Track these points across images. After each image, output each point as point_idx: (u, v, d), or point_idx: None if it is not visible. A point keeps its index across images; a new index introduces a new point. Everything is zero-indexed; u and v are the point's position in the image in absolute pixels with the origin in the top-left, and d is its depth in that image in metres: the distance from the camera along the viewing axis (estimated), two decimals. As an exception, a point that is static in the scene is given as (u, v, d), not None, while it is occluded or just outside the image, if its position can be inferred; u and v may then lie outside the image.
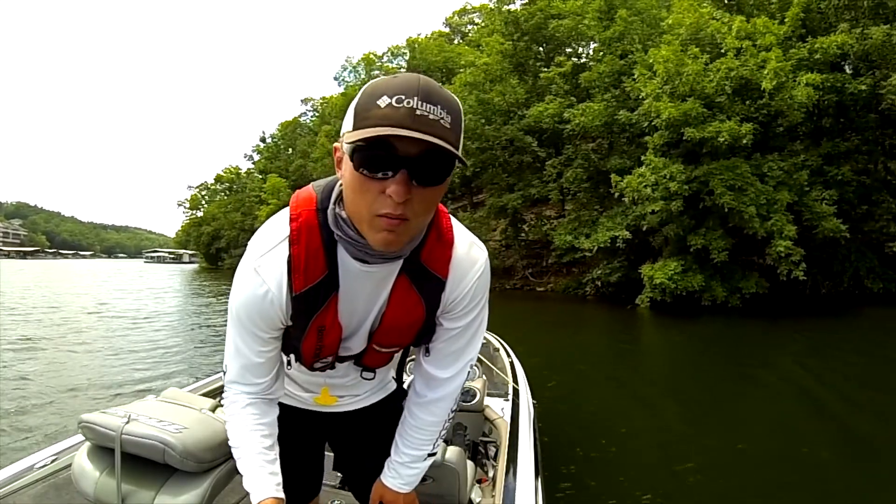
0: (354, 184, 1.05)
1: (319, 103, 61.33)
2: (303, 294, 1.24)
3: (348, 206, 1.13)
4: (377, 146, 0.99)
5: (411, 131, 0.95)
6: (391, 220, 1.05)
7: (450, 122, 1.01)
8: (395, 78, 1.01)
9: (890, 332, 14.17)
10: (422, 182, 1.02)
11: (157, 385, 8.06)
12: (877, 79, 19.09)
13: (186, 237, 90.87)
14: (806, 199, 17.61)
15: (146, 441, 1.99)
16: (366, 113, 1.00)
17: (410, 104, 0.96)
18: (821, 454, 5.46)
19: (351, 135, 1.01)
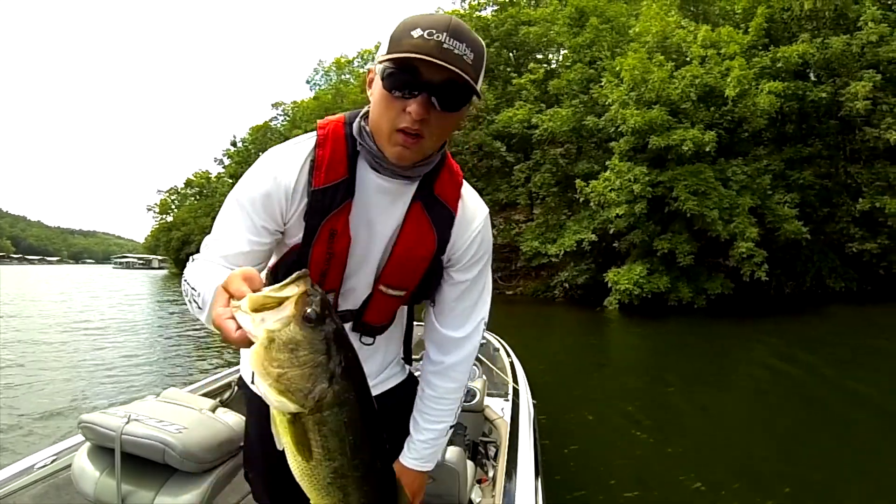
0: (381, 100, 1.20)
1: (290, 108, 60.97)
2: (321, 190, 1.30)
3: (372, 121, 1.27)
4: (405, 69, 1.14)
5: (436, 59, 1.09)
6: (407, 136, 1.20)
7: (472, 60, 1.15)
8: (431, 15, 1.17)
9: (851, 328, 14.90)
10: (441, 106, 1.18)
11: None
12: (837, 86, 19.88)
13: (156, 242, 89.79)
14: (769, 203, 18.28)
15: (146, 441, 2.01)
16: (399, 40, 1.14)
17: (439, 38, 1.11)
18: (790, 444, 5.95)
19: (383, 57, 1.16)
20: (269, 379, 0.84)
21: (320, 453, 0.90)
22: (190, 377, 8.97)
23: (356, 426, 0.92)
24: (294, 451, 0.90)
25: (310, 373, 0.86)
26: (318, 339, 0.87)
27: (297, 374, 0.85)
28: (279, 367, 0.84)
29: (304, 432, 0.88)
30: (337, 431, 0.90)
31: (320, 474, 0.92)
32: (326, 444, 0.90)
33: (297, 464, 0.92)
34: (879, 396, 7.64)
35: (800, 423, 6.71)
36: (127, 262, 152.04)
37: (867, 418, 6.72)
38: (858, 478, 5.00)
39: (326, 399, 0.87)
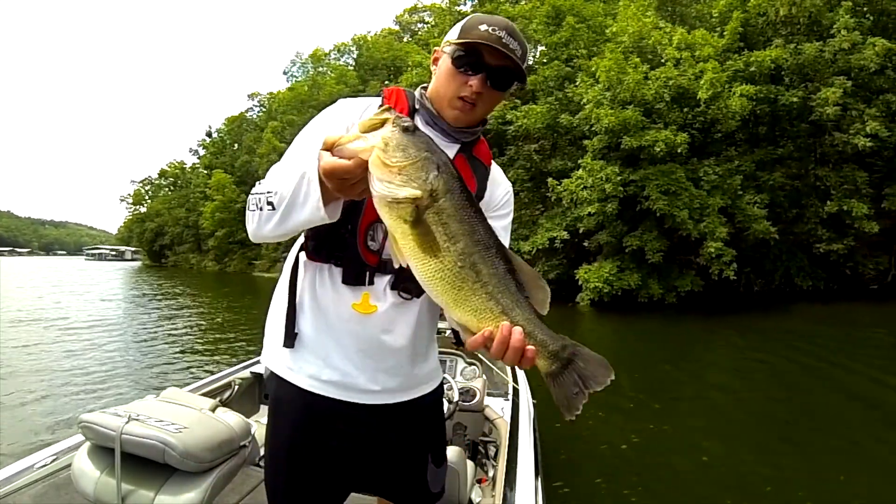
0: (448, 73, 1.52)
1: (266, 98, 60.49)
2: None
3: (435, 90, 1.58)
4: (472, 53, 1.47)
5: (498, 46, 1.43)
6: (466, 103, 1.52)
7: (520, 55, 1.49)
8: (494, 16, 1.50)
9: (817, 325, 15.48)
10: (493, 85, 1.51)
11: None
12: (808, 91, 20.48)
13: (129, 234, 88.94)
14: (739, 203, 18.91)
15: (146, 441, 2.03)
16: (469, 31, 1.47)
17: (499, 34, 1.45)
18: (761, 436, 6.40)
19: (455, 41, 1.49)
20: (391, 174, 1.02)
21: (445, 239, 1.05)
22: (170, 378, 9.01)
23: (467, 207, 1.08)
24: (421, 250, 1.05)
25: (422, 164, 1.04)
26: (420, 140, 1.06)
27: (413, 166, 1.03)
28: (398, 162, 1.02)
29: (426, 230, 1.04)
30: (454, 214, 1.05)
31: (449, 262, 1.06)
32: (448, 230, 1.05)
33: (426, 264, 1.06)
34: (844, 387, 8.38)
35: (766, 414, 7.23)
36: (99, 254, 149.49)
37: (831, 407, 7.37)
38: (822, 465, 5.40)
39: (440, 186, 1.04)
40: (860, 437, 6.20)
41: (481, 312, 1.10)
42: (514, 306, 1.13)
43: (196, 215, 58.74)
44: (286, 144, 8.14)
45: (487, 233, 1.10)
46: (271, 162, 15.21)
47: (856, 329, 14.11)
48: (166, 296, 26.42)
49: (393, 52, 41.57)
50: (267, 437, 1.66)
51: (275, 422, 1.64)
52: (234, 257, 52.32)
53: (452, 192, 1.05)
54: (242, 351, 11.24)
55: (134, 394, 7.96)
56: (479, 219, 1.10)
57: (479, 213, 1.11)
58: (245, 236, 24.07)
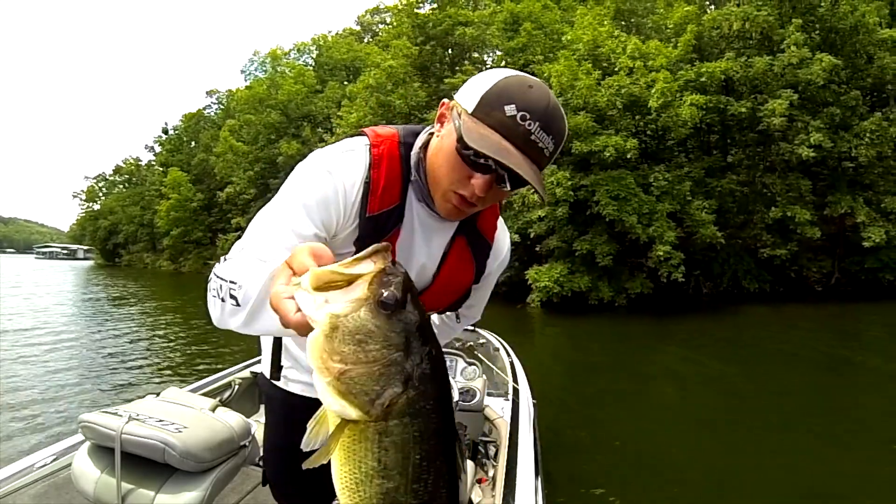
0: (449, 158, 1.18)
1: (225, 96, 59.66)
2: (375, 217, 1.28)
3: (432, 166, 1.25)
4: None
5: (520, 153, 1.09)
6: (464, 201, 1.20)
7: (551, 152, 1.14)
8: (531, 89, 1.12)
9: (763, 326, 16.44)
10: (503, 185, 1.16)
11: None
12: (757, 102, 21.61)
13: (82, 231, 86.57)
14: (688, 208, 19.95)
15: (146, 441, 2.04)
16: (490, 109, 1.11)
17: (529, 127, 1.09)
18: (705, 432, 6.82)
19: (470, 125, 1.12)
20: (328, 376, 0.71)
21: (375, 468, 0.75)
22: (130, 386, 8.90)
23: (427, 443, 0.76)
24: (341, 460, 0.75)
25: (380, 373, 0.71)
26: (395, 331, 0.72)
27: (364, 374, 0.70)
28: (341, 361, 0.70)
29: (359, 440, 0.74)
30: (401, 446, 0.74)
31: (367, 492, 0.76)
32: (385, 459, 0.74)
33: (342, 475, 0.77)
34: (785, 386, 8.88)
35: (711, 410, 7.74)
36: (50, 252, 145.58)
37: (772, 406, 7.78)
38: (765, 461, 5.66)
39: (396, 407, 0.72)
40: (798, 428, 6.70)
41: None
42: None
43: (151, 214, 57.67)
44: (243, 143, 8.20)
45: (436, 487, 0.79)
46: (228, 161, 15.22)
47: (799, 329, 15.10)
48: (126, 300, 25.80)
49: (353, 52, 41.58)
50: (264, 434, 1.68)
51: (269, 419, 1.66)
52: (190, 257, 51.47)
53: (415, 416, 0.74)
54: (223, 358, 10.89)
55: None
56: (440, 459, 0.79)
57: (444, 451, 0.80)
58: (200, 235, 23.81)
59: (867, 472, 5.39)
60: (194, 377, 4.39)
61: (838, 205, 20.95)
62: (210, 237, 49.65)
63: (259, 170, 40.47)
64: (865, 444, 6.15)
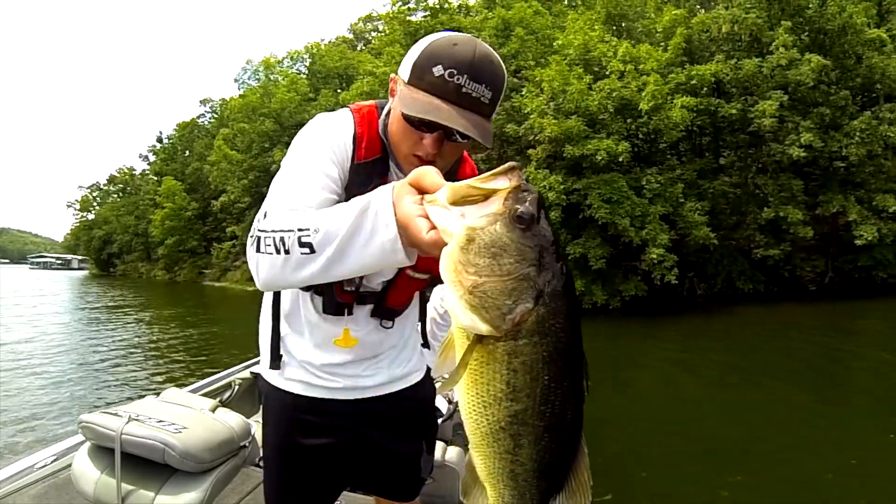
0: (400, 126, 1.29)
1: (218, 105, 59.56)
2: (362, 164, 1.36)
3: (392, 134, 1.35)
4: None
5: (453, 108, 1.17)
6: (422, 161, 1.27)
7: (489, 98, 1.22)
8: (455, 46, 1.20)
9: (758, 325, 16.68)
10: (453, 139, 1.26)
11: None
12: (747, 104, 21.84)
13: (76, 241, 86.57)
14: (680, 210, 20.12)
15: (146, 441, 2.05)
16: (421, 73, 1.21)
17: (459, 81, 1.17)
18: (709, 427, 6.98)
19: (406, 93, 1.24)
20: (460, 289, 0.71)
21: (503, 390, 0.75)
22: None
23: (557, 364, 0.76)
24: (469, 380, 0.76)
25: (513, 287, 0.71)
26: (529, 246, 0.72)
27: (497, 287, 0.71)
28: (476, 274, 0.71)
29: (487, 362, 0.74)
30: (531, 367, 0.74)
31: (494, 416, 0.77)
32: (513, 381, 0.74)
33: (469, 399, 0.77)
34: (781, 384, 9.03)
35: (706, 410, 7.89)
36: (44, 262, 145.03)
37: (767, 405, 7.90)
38: (755, 455, 5.85)
39: (527, 324, 0.72)
40: (795, 427, 6.85)
41: (493, 478, 0.84)
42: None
43: (145, 223, 57.59)
44: (237, 152, 8.22)
45: (563, 410, 0.79)
46: (222, 170, 15.18)
47: (794, 328, 15.28)
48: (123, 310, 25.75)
49: (345, 60, 41.61)
50: (263, 436, 1.70)
51: (267, 419, 1.68)
52: (184, 266, 51.37)
53: (546, 335, 0.74)
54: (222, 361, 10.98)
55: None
56: (569, 381, 0.79)
57: (573, 372, 0.79)
58: (195, 245, 23.69)
59: (861, 465, 5.51)
60: (195, 378, 4.43)
61: (830, 204, 21.19)
62: (205, 246, 49.65)
63: (253, 178, 40.25)
64: (860, 439, 6.27)
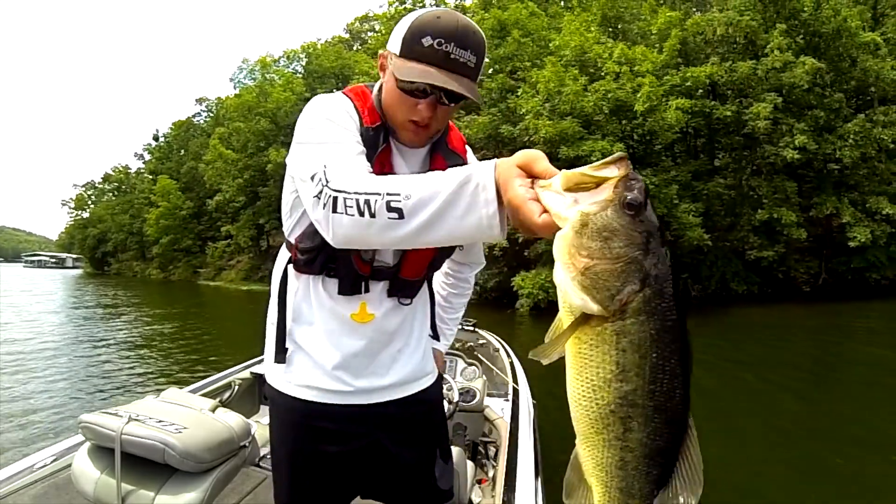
0: (394, 95, 1.40)
1: (214, 104, 59.52)
2: (370, 128, 1.44)
3: (386, 105, 1.45)
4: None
5: (444, 73, 1.29)
6: (418, 126, 1.41)
7: (474, 62, 1.34)
8: (439, 19, 1.31)
9: (753, 326, 16.75)
10: (445, 102, 1.38)
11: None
12: (742, 106, 22.05)
13: (70, 240, 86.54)
14: (675, 211, 20.18)
15: (146, 441, 2.05)
16: (412, 45, 1.31)
17: (447, 48, 1.29)
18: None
19: (398, 65, 1.34)
20: (573, 270, 0.77)
21: (612, 371, 0.78)
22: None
23: (663, 342, 0.79)
24: (577, 364, 0.79)
25: (622, 269, 0.76)
26: (638, 231, 0.77)
27: (608, 269, 0.76)
28: (588, 256, 0.76)
29: (596, 344, 0.78)
30: (639, 346, 0.78)
31: (604, 399, 0.80)
32: (622, 360, 0.78)
33: (578, 384, 0.81)
34: (775, 384, 9.14)
35: (699, 408, 7.49)
36: (39, 261, 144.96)
37: (761, 404, 8.03)
38: (744, 456, 5.88)
39: (633, 304, 0.77)
40: (789, 425, 6.97)
41: (601, 470, 0.87)
42: (637, 494, 0.87)
43: (140, 222, 57.53)
44: (232, 151, 8.30)
45: (671, 389, 0.82)
46: (217, 169, 15.23)
47: (788, 329, 15.49)
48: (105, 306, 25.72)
49: (342, 60, 41.64)
50: (270, 441, 1.70)
51: (273, 427, 1.67)
52: (179, 265, 51.35)
53: (652, 315, 0.78)
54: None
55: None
56: (671, 365, 0.81)
57: (681, 350, 0.82)
58: (190, 244, 23.65)
59: (854, 467, 5.58)
60: (196, 379, 4.40)
61: (824, 206, 21.35)
62: (200, 245, 49.77)
63: (248, 177, 40.25)
64: (853, 439, 6.33)
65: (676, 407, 0.83)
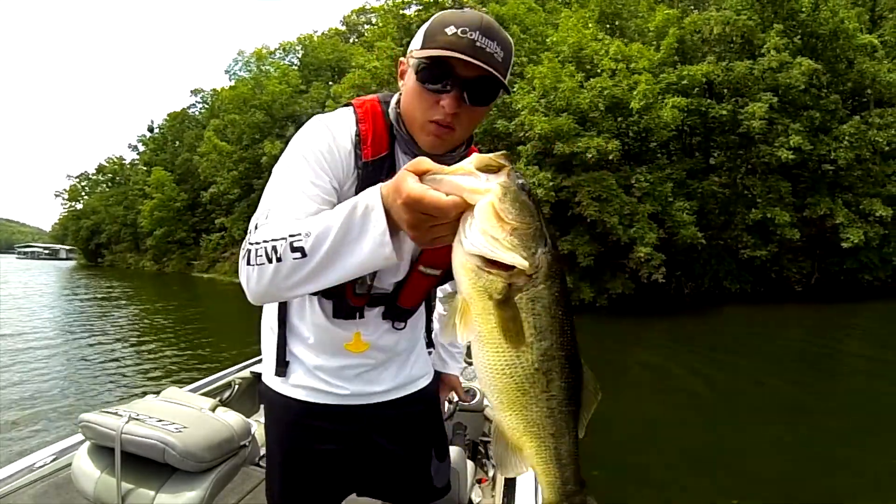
0: (415, 92, 1.30)
1: (210, 95, 59.29)
2: (371, 162, 1.37)
3: (405, 111, 1.37)
4: (439, 65, 1.24)
5: (469, 57, 1.20)
6: (440, 127, 1.30)
7: (502, 57, 1.25)
8: (464, 13, 1.25)
9: (745, 325, 17.02)
10: (471, 101, 1.27)
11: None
12: (738, 105, 22.14)
13: (64, 231, 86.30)
14: (669, 209, 20.34)
15: (146, 440, 2.05)
16: (434, 36, 1.24)
17: (472, 36, 1.20)
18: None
19: (419, 52, 1.27)
20: (502, 232, 0.86)
21: (532, 332, 0.88)
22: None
23: (563, 298, 0.91)
24: (502, 336, 0.88)
25: (534, 231, 0.87)
26: (534, 205, 0.90)
27: (526, 231, 0.87)
28: (513, 220, 0.86)
29: (515, 315, 0.87)
30: (549, 306, 0.88)
31: (528, 360, 0.89)
32: (539, 323, 0.88)
33: (500, 354, 0.89)
34: (767, 382, 9.24)
35: (693, 407, 8.01)
36: (32, 252, 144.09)
37: (754, 402, 8.11)
38: (745, 454, 5.96)
39: (544, 266, 0.87)
40: (782, 421, 7.05)
41: (532, 426, 0.96)
42: (566, 433, 0.99)
43: (134, 213, 57.33)
44: (227, 143, 8.25)
45: (572, 337, 0.94)
46: (212, 161, 15.16)
47: (779, 328, 15.63)
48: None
49: (338, 52, 41.53)
50: (267, 446, 1.70)
51: (269, 424, 1.67)
52: (173, 257, 51.18)
53: (554, 278, 0.88)
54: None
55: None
56: (569, 318, 0.93)
57: (570, 311, 0.94)
58: (184, 236, 23.61)
59: (843, 459, 5.73)
60: (193, 376, 4.33)
61: (818, 206, 21.52)
62: (194, 237, 49.58)
63: (243, 170, 40.40)
64: (844, 434, 6.48)
65: (575, 348, 0.94)
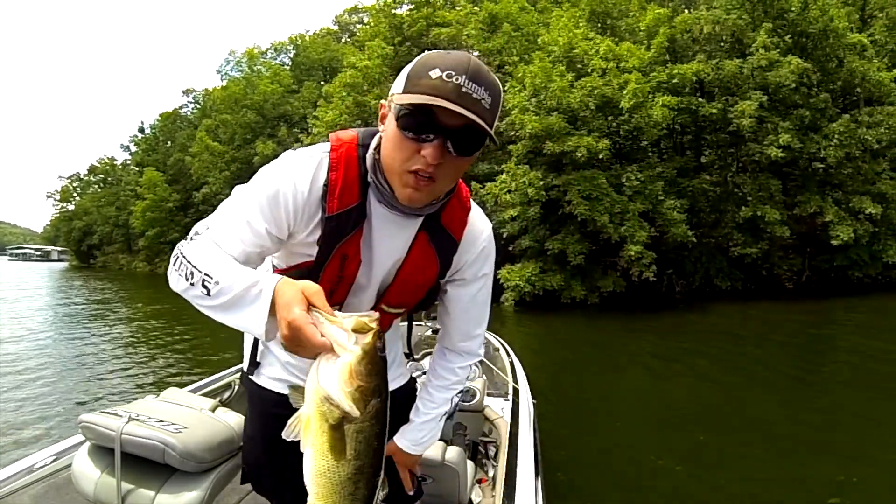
0: (395, 140, 1.22)
1: (201, 95, 59.16)
2: (335, 216, 1.33)
3: (384, 159, 1.28)
4: (421, 112, 1.15)
5: (454, 105, 1.11)
6: (420, 179, 1.22)
7: (489, 104, 1.17)
8: (449, 54, 1.17)
9: (736, 322, 16.98)
10: (456, 151, 1.19)
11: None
12: (728, 104, 22.29)
13: (55, 232, 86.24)
14: (660, 208, 20.47)
15: (146, 441, 2.04)
16: (417, 80, 1.16)
17: (458, 81, 1.12)
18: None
19: (401, 97, 1.19)
20: (350, 387, 1.03)
21: (352, 453, 1.07)
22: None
23: (380, 432, 1.11)
24: (325, 452, 1.06)
25: (374, 390, 1.05)
26: (383, 365, 1.09)
27: (367, 389, 1.04)
28: (362, 380, 1.03)
29: (342, 437, 1.05)
30: (369, 437, 1.08)
31: (343, 472, 1.08)
32: (358, 447, 1.07)
33: (322, 463, 1.08)
34: (757, 380, 9.22)
35: (686, 405, 7.91)
36: (23, 254, 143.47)
37: (745, 400, 8.03)
38: (740, 453, 5.88)
39: (372, 412, 1.06)
40: (771, 420, 6.99)
41: None
42: None
43: (126, 214, 57.19)
44: (219, 143, 8.37)
45: (380, 459, 1.13)
46: (204, 161, 15.28)
47: (770, 325, 15.67)
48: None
49: (330, 52, 41.56)
50: (244, 426, 1.79)
51: (249, 414, 1.76)
52: (166, 258, 50.44)
53: (377, 419, 1.08)
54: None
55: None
56: (381, 445, 1.12)
57: (383, 440, 1.12)
58: (177, 236, 23.66)
59: (839, 453, 5.73)
60: (190, 376, 4.34)
61: (808, 204, 21.65)
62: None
63: (235, 170, 40.20)
64: (841, 432, 6.49)
65: (381, 468, 1.15)
